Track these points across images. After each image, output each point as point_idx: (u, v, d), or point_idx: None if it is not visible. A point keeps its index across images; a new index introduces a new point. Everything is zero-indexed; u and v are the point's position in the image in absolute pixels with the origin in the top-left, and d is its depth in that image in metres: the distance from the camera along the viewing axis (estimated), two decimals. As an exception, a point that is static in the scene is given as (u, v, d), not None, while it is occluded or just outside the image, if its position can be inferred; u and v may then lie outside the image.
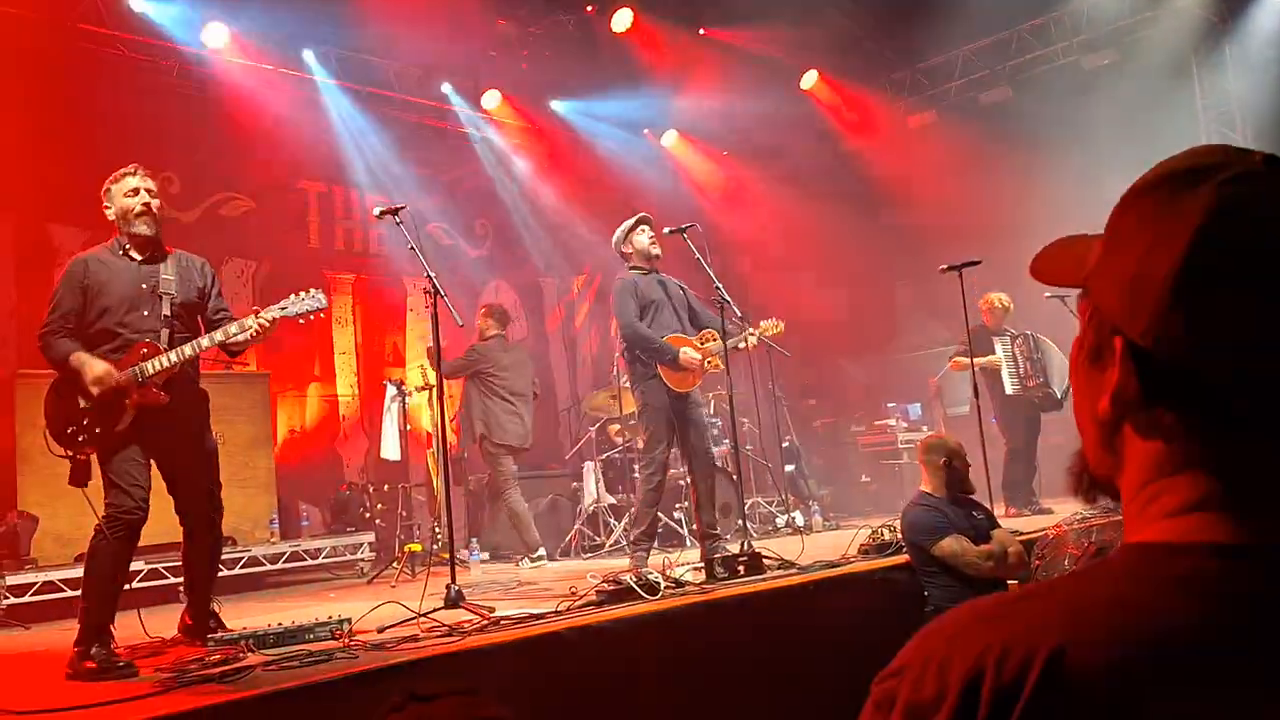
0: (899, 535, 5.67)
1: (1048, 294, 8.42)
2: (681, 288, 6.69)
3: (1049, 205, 10.30)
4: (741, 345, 6.50)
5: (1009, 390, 8.73)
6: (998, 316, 8.96)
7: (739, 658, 4.70)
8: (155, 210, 4.68)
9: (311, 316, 4.75)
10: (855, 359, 12.82)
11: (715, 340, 6.42)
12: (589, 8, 10.81)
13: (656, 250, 6.62)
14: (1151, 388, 0.77)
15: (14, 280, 8.41)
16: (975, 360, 7.98)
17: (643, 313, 6.41)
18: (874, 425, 11.37)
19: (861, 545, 6.13)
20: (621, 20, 10.82)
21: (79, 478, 4.44)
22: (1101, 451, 0.83)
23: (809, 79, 12.26)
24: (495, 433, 8.38)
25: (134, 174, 4.69)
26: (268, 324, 4.56)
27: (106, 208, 4.71)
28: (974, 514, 5.29)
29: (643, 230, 6.65)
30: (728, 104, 11.89)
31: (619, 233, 6.71)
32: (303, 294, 4.73)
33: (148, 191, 4.67)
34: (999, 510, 7.08)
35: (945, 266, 7.57)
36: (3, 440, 7.28)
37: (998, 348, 8.78)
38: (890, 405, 11.60)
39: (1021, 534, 5.67)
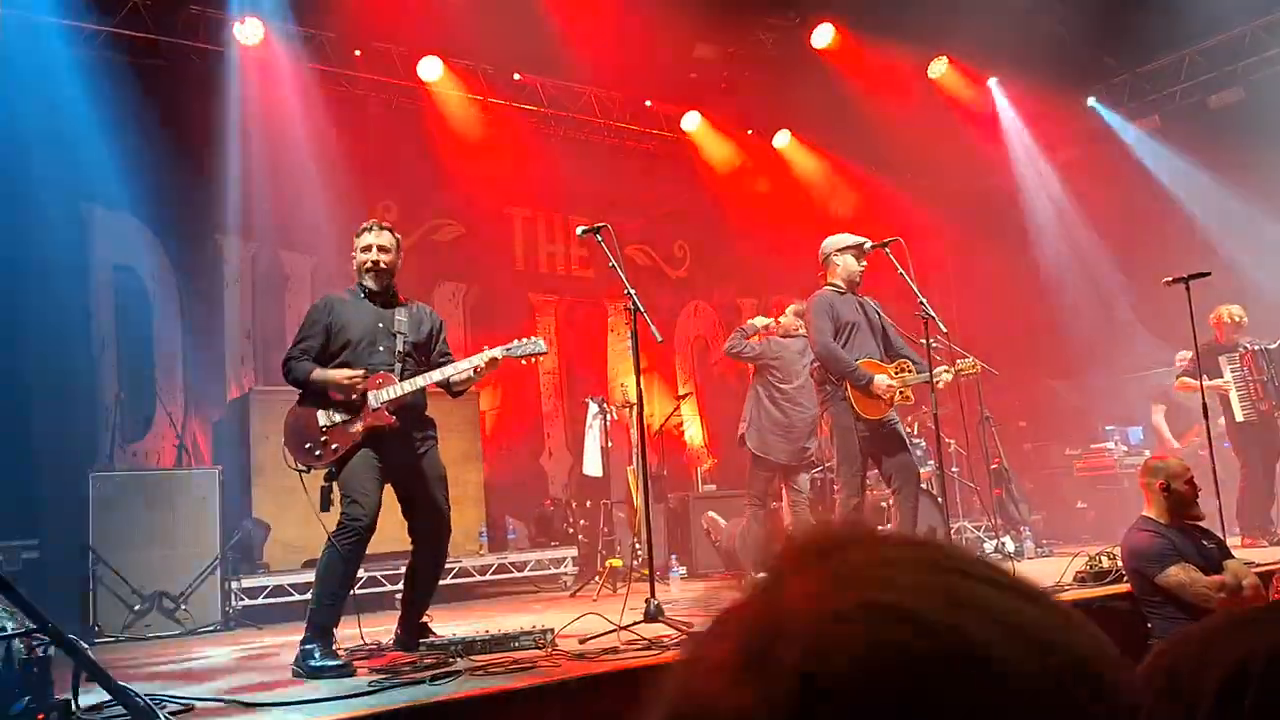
0: (1118, 563, 5.35)
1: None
2: (879, 312, 6.46)
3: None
4: (938, 384, 6.22)
5: (1239, 417, 8.15)
6: (1229, 331, 8.35)
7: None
8: (384, 265, 4.97)
9: (533, 359, 5.04)
10: (1069, 378, 12.21)
11: (910, 372, 6.22)
12: (791, 16, 10.73)
13: (859, 278, 6.43)
14: None
15: (249, 304, 9.05)
16: (1205, 384, 7.46)
17: (838, 333, 6.22)
18: (1091, 449, 10.79)
19: (1078, 573, 5.81)
20: (822, 36, 10.74)
21: (327, 503, 4.78)
22: None
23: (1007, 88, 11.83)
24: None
25: (370, 230, 5.02)
26: (496, 360, 4.85)
27: (353, 256, 5.06)
28: (1204, 542, 4.93)
29: (861, 259, 6.44)
30: (920, 118, 11.60)
31: (832, 243, 6.52)
32: (526, 340, 5.00)
33: (379, 249, 4.97)
34: (1233, 540, 6.58)
35: (1170, 279, 7.10)
36: (241, 453, 7.83)
37: (1225, 368, 8.18)
38: (1108, 428, 10.99)
39: (1257, 565, 5.25)
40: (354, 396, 4.71)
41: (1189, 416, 9.34)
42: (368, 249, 4.97)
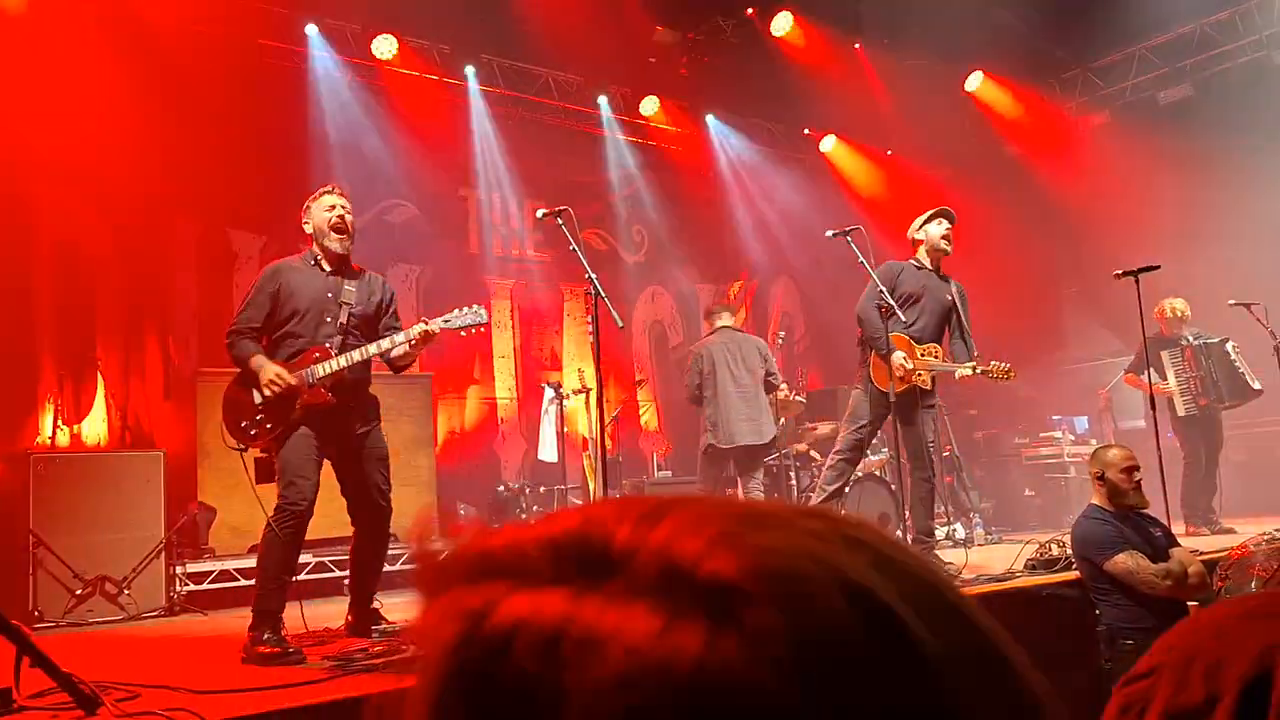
0: (1068, 550, 5.42)
1: (1231, 301, 7.95)
2: (957, 296, 6.57)
3: (1232, 209, 9.76)
4: (957, 375, 6.40)
5: (1180, 411, 8.37)
6: (1172, 325, 8.53)
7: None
8: (350, 226, 4.92)
9: (473, 330, 4.96)
10: (1019, 368, 12.34)
11: (935, 359, 6.35)
12: (749, 10, 10.76)
13: (947, 246, 6.57)
14: None
15: (195, 283, 8.86)
16: (1150, 382, 7.65)
17: (893, 298, 6.27)
18: (1039, 438, 10.94)
19: (1028, 560, 5.88)
20: (781, 24, 10.75)
21: (265, 475, 4.68)
22: None
23: (974, 81, 11.92)
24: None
25: (331, 193, 4.97)
26: (433, 332, 4.76)
27: (305, 223, 4.97)
28: (1152, 530, 5.00)
29: (940, 222, 6.61)
30: (889, 108, 11.66)
31: (917, 221, 6.68)
32: (466, 309, 4.93)
33: (343, 209, 4.92)
34: (1178, 529, 6.70)
35: (1120, 272, 7.18)
36: (186, 435, 7.68)
37: (1167, 365, 8.37)
38: (1055, 418, 11.14)
39: (1202, 553, 5.34)
40: (271, 393, 4.58)
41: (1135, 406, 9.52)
42: (331, 208, 4.89)
